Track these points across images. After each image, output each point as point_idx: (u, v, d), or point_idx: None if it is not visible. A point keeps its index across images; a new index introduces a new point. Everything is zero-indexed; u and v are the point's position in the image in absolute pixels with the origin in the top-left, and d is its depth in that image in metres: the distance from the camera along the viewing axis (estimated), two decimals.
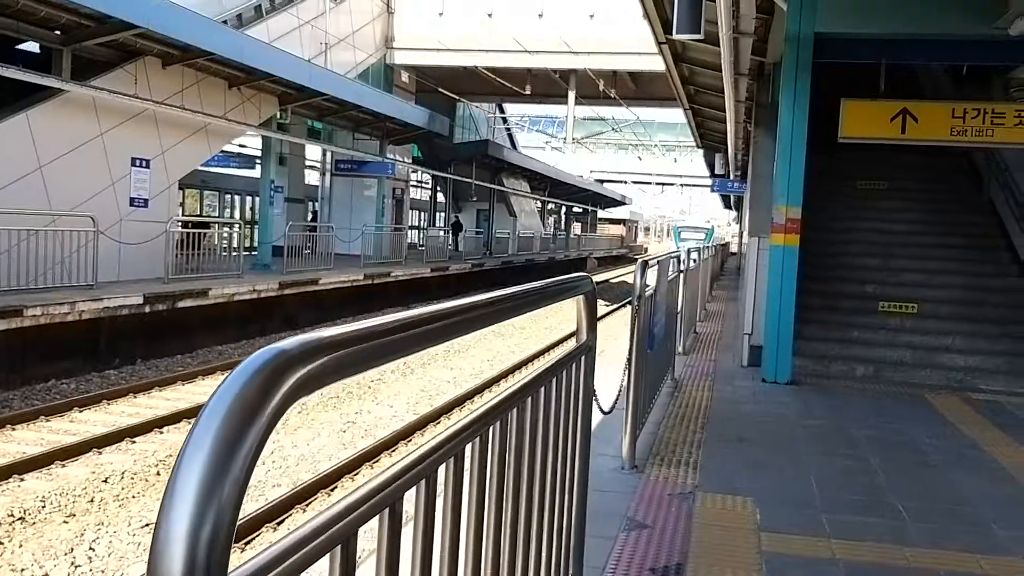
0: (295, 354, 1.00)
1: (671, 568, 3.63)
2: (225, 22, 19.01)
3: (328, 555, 1.19)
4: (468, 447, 1.81)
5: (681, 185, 77.97)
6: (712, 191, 35.77)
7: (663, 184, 79.20)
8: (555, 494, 2.66)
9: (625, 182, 76.07)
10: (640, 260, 5.08)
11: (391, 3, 28.68)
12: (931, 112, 8.37)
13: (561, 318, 20.35)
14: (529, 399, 2.29)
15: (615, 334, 16.46)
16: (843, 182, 12.91)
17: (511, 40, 27.72)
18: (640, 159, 66.34)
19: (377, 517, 1.34)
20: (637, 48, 25.32)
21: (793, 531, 4.19)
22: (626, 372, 5.11)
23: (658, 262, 5.72)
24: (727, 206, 59.06)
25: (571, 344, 2.99)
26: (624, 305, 23.39)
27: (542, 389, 2.45)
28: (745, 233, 17.41)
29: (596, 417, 5.76)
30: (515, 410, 2.15)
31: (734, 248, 42.43)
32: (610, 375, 6.42)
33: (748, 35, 8.81)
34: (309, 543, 1.11)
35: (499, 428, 2.01)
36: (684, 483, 4.89)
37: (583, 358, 3.03)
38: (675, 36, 8.31)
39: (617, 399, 5.54)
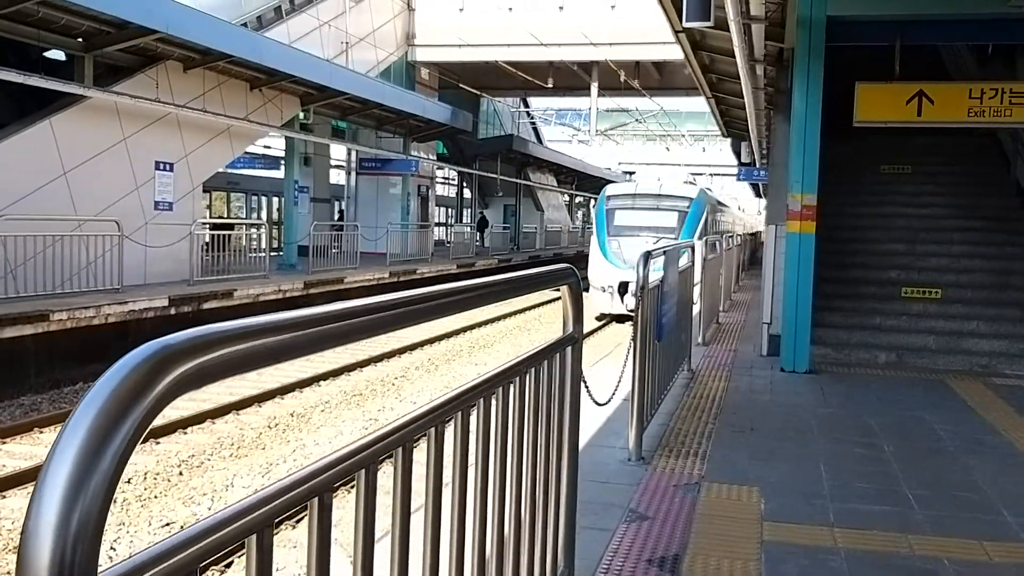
0: (179, 348, 0.99)
1: (668, 559, 3.61)
2: (245, 25, 19.16)
3: (245, 541, 1.19)
4: (424, 440, 1.81)
5: (711, 175, 77.39)
6: (738, 179, 35.47)
7: (692, 174, 78.58)
8: (536, 486, 2.64)
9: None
10: (643, 251, 5.04)
11: (411, 0, 28.75)
12: (948, 93, 8.22)
13: (588, 315, 20.24)
14: (500, 390, 2.28)
15: None
16: (867, 167, 12.75)
17: (532, 34, 27.66)
18: (668, 149, 65.69)
19: (307, 507, 1.33)
20: (659, 38, 25.06)
21: (796, 520, 4.15)
22: (627, 362, 5.08)
23: (664, 252, 5.68)
24: (757, 194, 58.46)
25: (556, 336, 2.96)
26: None
27: (517, 381, 2.43)
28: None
29: (605, 409, 5.76)
30: (481, 402, 2.15)
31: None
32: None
33: (760, 20, 8.71)
34: (217, 532, 1.10)
35: (460, 421, 2.00)
36: (691, 474, 4.86)
37: (569, 349, 3.00)
38: (685, 24, 8.23)
39: (617, 389, 5.51)
